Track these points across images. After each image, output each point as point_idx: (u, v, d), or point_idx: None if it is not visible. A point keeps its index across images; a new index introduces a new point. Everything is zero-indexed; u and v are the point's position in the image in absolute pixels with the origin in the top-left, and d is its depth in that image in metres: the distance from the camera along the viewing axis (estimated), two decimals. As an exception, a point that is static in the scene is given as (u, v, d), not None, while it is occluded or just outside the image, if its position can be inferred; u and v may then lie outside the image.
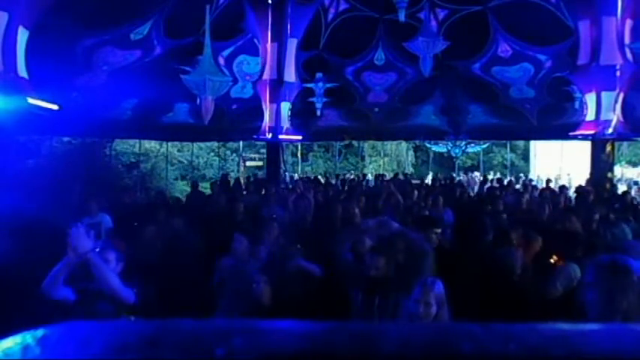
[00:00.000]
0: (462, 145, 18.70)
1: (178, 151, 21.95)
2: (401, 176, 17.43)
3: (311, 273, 4.00)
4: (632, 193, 14.05)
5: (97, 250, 2.92)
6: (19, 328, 0.45)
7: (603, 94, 10.46)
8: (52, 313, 2.96)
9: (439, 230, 4.38)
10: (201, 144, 21.88)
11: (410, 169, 27.38)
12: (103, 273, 2.73)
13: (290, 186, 12.44)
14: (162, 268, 4.03)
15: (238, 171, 23.41)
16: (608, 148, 12.33)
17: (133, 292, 2.91)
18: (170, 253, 4.47)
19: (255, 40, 13.31)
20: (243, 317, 3.49)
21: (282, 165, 16.59)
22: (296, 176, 20.38)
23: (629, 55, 10.38)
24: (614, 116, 10.35)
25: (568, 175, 20.27)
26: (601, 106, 10.48)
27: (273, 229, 4.66)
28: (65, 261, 2.69)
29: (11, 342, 0.40)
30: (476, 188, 15.39)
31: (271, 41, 12.85)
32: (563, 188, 10.31)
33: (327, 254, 4.29)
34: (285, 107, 13.25)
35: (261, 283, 3.48)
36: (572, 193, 10.74)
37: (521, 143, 25.94)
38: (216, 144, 21.75)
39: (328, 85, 14.85)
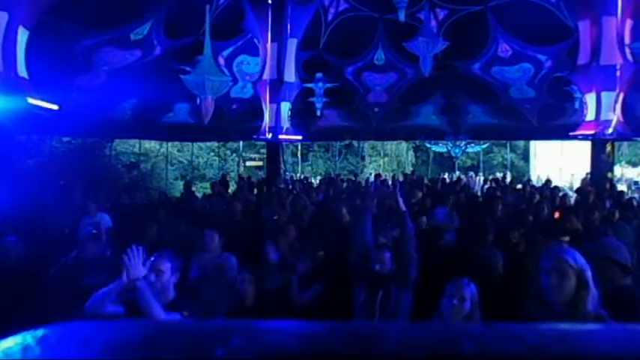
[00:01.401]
0: (462, 145, 18.71)
1: (178, 151, 21.96)
2: (401, 177, 17.38)
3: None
4: (632, 192, 14.04)
5: (151, 259, 2.77)
6: (20, 326, 0.45)
7: (603, 94, 10.44)
8: (53, 310, 2.96)
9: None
10: (201, 144, 21.88)
11: (410, 169, 27.34)
12: (148, 305, 2.52)
13: (290, 186, 12.44)
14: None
15: (238, 171, 23.39)
16: (608, 148, 12.35)
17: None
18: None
19: (255, 40, 13.30)
20: (226, 314, 3.44)
21: (282, 165, 16.59)
22: (299, 175, 20.40)
23: (629, 55, 10.37)
24: (614, 116, 10.34)
25: (572, 175, 20.25)
26: (601, 106, 10.47)
27: (291, 231, 4.69)
28: (117, 284, 2.55)
29: (11, 342, 0.40)
30: (476, 188, 15.36)
31: (271, 41, 12.84)
32: (555, 189, 10.33)
33: (328, 253, 4.29)
34: (285, 107, 13.24)
35: (245, 281, 3.38)
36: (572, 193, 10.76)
37: (521, 143, 25.95)
38: (216, 144, 21.75)
39: (328, 85, 14.84)
